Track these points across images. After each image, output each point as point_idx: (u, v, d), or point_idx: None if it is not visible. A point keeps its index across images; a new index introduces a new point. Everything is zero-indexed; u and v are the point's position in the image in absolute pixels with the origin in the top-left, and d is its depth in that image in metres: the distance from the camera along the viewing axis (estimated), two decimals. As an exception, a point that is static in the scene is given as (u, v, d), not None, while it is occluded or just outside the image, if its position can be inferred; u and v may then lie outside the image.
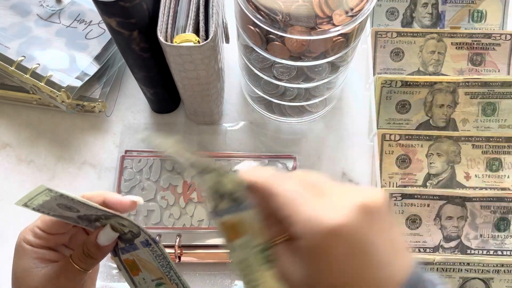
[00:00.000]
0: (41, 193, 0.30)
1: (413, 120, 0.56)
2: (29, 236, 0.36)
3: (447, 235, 0.51)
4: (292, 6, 0.42)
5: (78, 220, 0.35)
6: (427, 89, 0.55)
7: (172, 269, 0.36)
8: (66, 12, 0.62)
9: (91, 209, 0.32)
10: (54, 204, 0.31)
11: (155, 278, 0.36)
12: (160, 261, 0.35)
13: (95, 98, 0.59)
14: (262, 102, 0.60)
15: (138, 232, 0.34)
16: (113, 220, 0.34)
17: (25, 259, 0.35)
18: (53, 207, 0.32)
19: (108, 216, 0.33)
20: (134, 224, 0.33)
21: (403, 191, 0.52)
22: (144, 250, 0.35)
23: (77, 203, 0.31)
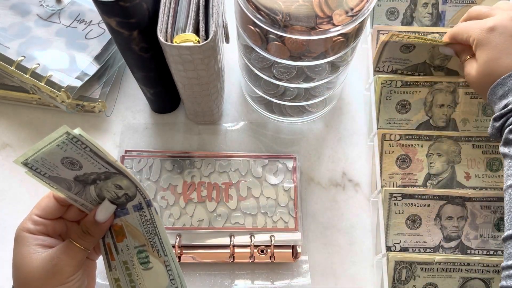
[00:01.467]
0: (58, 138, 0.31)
1: (413, 120, 0.56)
2: (27, 224, 0.37)
3: (447, 235, 0.51)
4: (292, 6, 0.42)
5: (72, 184, 0.35)
6: (427, 89, 0.55)
7: (156, 235, 0.36)
8: (66, 12, 0.62)
9: (97, 163, 0.33)
10: (59, 158, 0.32)
11: (138, 245, 0.37)
12: (146, 226, 0.36)
13: (95, 98, 0.59)
14: (262, 102, 0.60)
15: (133, 195, 0.35)
16: (112, 180, 0.34)
17: (25, 247, 0.36)
18: (55, 164, 0.33)
19: (109, 175, 0.34)
20: (132, 184, 0.34)
21: (403, 191, 0.52)
22: (133, 215, 0.36)
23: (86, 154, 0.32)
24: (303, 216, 0.56)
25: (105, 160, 0.33)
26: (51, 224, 0.38)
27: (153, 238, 0.36)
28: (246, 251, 0.53)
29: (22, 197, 0.57)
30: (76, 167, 0.33)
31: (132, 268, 0.38)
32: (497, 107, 0.46)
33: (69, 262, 0.35)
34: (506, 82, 0.45)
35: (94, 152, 0.32)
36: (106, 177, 0.34)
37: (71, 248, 0.36)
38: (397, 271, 0.50)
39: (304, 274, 0.53)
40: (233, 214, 0.55)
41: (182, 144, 0.60)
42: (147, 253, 0.37)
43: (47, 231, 0.38)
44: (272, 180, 0.56)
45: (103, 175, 0.34)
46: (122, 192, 0.35)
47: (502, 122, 0.44)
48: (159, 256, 0.37)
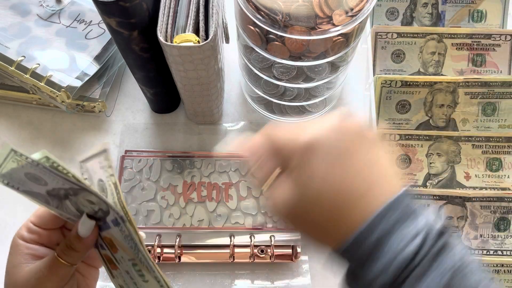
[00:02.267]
0: (8, 156, 0.29)
1: (413, 120, 0.56)
2: (23, 231, 0.36)
3: (447, 235, 0.51)
4: (292, 6, 0.42)
5: (48, 198, 0.33)
6: (427, 89, 0.55)
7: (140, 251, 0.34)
8: (66, 12, 0.62)
9: (57, 179, 0.31)
10: (22, 174, 0.30)
11: (129, 258, 0.35)
12: (128, 242, 0.34)
13: (95, 98, 0.59)
14: (262, 102, 0.60)
15: (107, 210, 0.33)
16: (81, 196, 0.32)
17: (17, 255, 0.35)
18: (22, 179, 0.31)
19: (76, 191, 0.32)
20: (101, 200, 0.32)
21: None
22: (115, 230, 0.34)
23: (43, 170, 0.30)
24: (303, 216, 0.56)
25: (62, 177, 0.30)
26: (46, 234, 0.37)
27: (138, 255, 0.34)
28: (246, 251, 0.53)
29: (22, 197, 0.57)
30: (42, 182, 0.31)
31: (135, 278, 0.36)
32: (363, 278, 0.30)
33: (51, 278, 0.34)
34: None
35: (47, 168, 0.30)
36: (75, 192, 0.32)
37: (55, 263, 0.35)
38: (397, 271, 0.50)
39: (304, 274, 0.53)
40: (233, 214, 0.55)
41: (182, 144, 0.60)
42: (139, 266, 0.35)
43: (41, 240, 0.37)
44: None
45: (71, 191, 0.32)
46: (96, 207, 0.33)
47: None
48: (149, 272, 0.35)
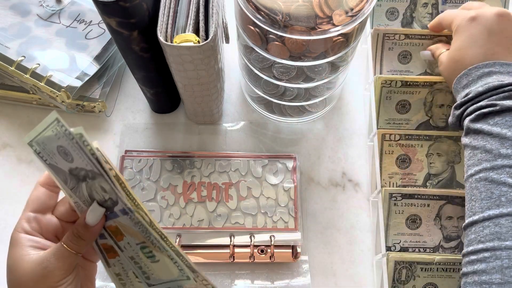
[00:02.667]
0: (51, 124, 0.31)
1: (413, 120, 0.56)
2: (21, 223, 0.37)
3: (447, 235, 0.51)
4: (292, 6, 0.42)
5: (68, 177, 0.34)
6: (427, 89, 0.55)
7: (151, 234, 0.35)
8: (66, 12, 0.62)
9: (83, 158, 0.32)
10: (55, 145, 0.32)
11: (139, 242, 0.36)
12: (139, 227, 0.35)
13: (95, 98, 0.59)
14: (262, 102, 0.60)
15: (116, 200, 0.34)
16: (97, 181, 0.33)
17: (18, 248, 0.36)
18: (53, 151, 0.32)
19: (95, 175, 0.33)
20: (113, 190, 0.33)
21: (402, 191, 0.52)
22: (124, 218, 0.35)
23: (75, 146, 0.31)
24: (303, 216, 0.56)
25: (88, 156, 0.32)
26: (45, 220, 0.38)
27: (150, 237, 0.35)
28: (246, 251, 0.53)
29: (22, 197, 0.57)
30: (69, 158, 0.33)
31: (141, 262, 0.37)
32: (459, 96, 0.47)
33: (59, 266, 0.35)
34: (471, 73, 0.46)
35: (80, 146, 0.31)
36: (93, 176, 0.33)
37: (62, 252, 0.35)
38: (397, 271, 0.50)
39: (304, 274, 0.53)
40: (233, 214, 0.55)
41: (182, 144, 0.60)
42: (149, 248, 0.36)
43: (40, 228, 0.37)
44: (272, 180, 0.56)
45: (90, 173, 0.33)
46: (107, 196, 0.34)
47: (461, 111, 0.46)
48: (161, 251, 0.36)
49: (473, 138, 0.44)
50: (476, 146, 0.44)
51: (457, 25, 0.49)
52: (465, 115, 0.46)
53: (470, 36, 0.48)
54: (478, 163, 0.43)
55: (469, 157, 0.44)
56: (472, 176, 0.43)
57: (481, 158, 0.43)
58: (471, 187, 0.43)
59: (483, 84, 0.45)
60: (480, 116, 0.44)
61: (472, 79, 0.46)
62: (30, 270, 0.35)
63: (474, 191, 0.43)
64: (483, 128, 0.43)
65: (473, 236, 0.42)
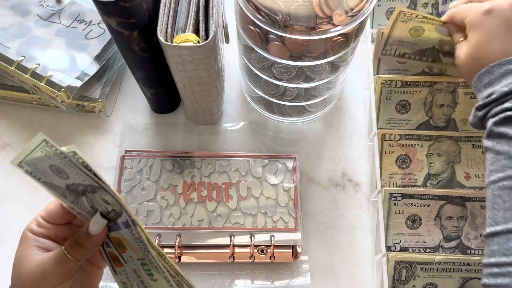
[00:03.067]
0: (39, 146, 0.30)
1: (413, 120, 0.56)
2: (32, 225, 0.37)
3: (447, 235, 0.51)
4: (292, 6, 0.42)
5: (66, 192, 0.34)
6: (427, 89, 0.55)
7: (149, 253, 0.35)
8: (66, 12, 0.62)
9: (80, 175, 0.32)
10: (47, 165, 0.31)
11: (139, 258, 0.36)
12: (138, 244, 0.35)
13: (95, 98, 0.59)
14: (262, 102, 0.60)
15: (120, 212, 0.33)
16: (98, 194, 0.33)
17: (25, 247, 0.36)
18: (45, 170, 0.32)
19: (94, 189, 0.33)
20: (116, 201, 0.33)
21: (402, 191, 0.52)
22: (125, 231, 0.35)
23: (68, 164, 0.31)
24: (303, 216, 0.56)
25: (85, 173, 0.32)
26: (54, 229, 0.38)
27: (147, 255, 0.35)
28: (246, 251, 0.53)
29: (22, 197, 0.58)
30: (64, 175, 0.32)
31: (142, 277, 0.37)
32: (481, 95, 0.44)
33: (56, 271, 0.35)
34: (493, 70, 0.43)
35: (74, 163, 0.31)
36: (93, 190, 0.33)
37: (62, 257, 0.35)
38: (397, 271, 0.50)
39: (304, 274, 0.53)
40: (233, 214, 0.55)
41: (182, 144, 0.60)
42: (148, 266, 0.36)
43: (49, 234, 0.37)
44: (272, 180, 0.56)
45: (90, 188, 0.33)
46: (110, 208, 0.34)
47: (484, 112, 0.43)
48: (158, 272, 0.36)
49: (497, 142, 0.42)
50: (499, 151, 0.41)
51: (471, 20, 0.46)
52: (489, 117, 0.43)
53: (487, 31, 0.44)
54: (502, 169, 0.41)
55: (491, 161, 0.42)
56: (495, 182, 0.41)
57: (505, 165, 0.40)
58: (494, 195, 0.41)
59: (507, 83, 0.41)
60: (505, 119, 0.41)
61: (495, 77, 0.43)
62: (30, 270, 0.35)
63: (497, 199, 0.40)
64: (508, 132, 0.40)
65: (496, 248, 0.39)
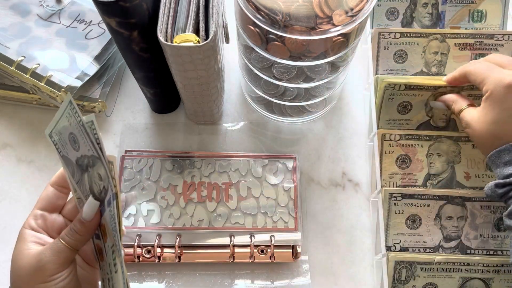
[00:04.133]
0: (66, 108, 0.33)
1: (413, 120, 0.56)
2: (29, 220, 0.38)
3: (447, 235, 0.51)
4: (292, 6, 0.42)
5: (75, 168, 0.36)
6: (430, 92, 0.55)
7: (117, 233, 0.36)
8: (66, 12, 0.62)
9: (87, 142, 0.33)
10: (68, 133, 0.34)
11: (111, 245, 0.36)
12: (112, 223, 0.35)
13: (95, 98, 0.59)
14: (262, 102, 0.60)
15: (107, 186, 0.34)
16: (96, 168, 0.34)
17: (22, 243, 0.37)
18: (66, 140, 0.35)
19: (95, 161, 0.34)
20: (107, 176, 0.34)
21: (402, 191, 0.52)
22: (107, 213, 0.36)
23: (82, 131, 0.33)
24: (303, 216, 0.56)
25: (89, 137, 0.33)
26: (51, 218, 0.39)
27: (115, 236, 0.36)
28: (246, 251, 0.53)
29: (22, 197, 0.58)
30: (76, 146, 0.34)
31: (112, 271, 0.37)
32: (499, 170, 0.44)
33: (53, 259, 0.35)
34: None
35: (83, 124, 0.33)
36: (93, 162, 0.34)
37: (58, 246, 0.36)
38: (397, 271, 0.50)
39: (304, 274, 0.53)
40: (233, 214, 0.55)
41: (182, 144, 0.60)
42: (115, 254, 0.36)
43: (46, 226, 0.38)
44: (272, 180, 0.56)
45: (91, 160, 0.34)
46: (102, 185, 0.35)
47: (505, 191, 0.43)
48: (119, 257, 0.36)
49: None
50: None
51: (491, 91, 0.44)
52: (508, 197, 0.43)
53: (508, 108, 0.43)
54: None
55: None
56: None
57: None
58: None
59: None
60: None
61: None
62: (27, 263, 0.35)
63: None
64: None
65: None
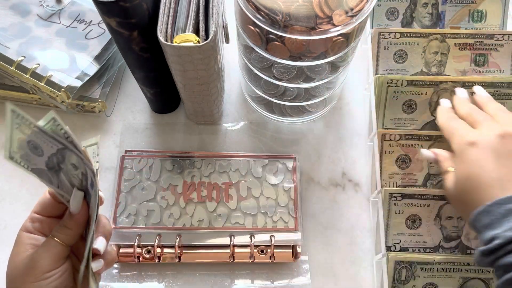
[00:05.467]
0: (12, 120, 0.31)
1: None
2: (27, 223, 0.38)
3: (447, 235, 0.51)
4: (292, 6, 0.42)
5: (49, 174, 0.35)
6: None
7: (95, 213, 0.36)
8: (66, 12, 0.62)
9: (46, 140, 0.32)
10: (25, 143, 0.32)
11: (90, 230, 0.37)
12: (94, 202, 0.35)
13: (95, 98, 0.59)
14: (262, 102, 0.60)
15: (85, 171, 0.34)
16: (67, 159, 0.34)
17: (18, 246, 0.37)
18: (28, 153, 0.33)
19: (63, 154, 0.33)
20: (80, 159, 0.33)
21: (403, 191, 0.52)
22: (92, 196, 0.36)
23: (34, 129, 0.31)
24: (303, 216, 0.56)
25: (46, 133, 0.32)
26: (48, 221, 0.39)
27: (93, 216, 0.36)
28: (246, 251, 0.53)
29: (22, 197, 0.58)
30: (39, 151, 0.33)
31: None
32: (482, 237, 0.40)
33: (46, 256, 0.35)
34: (492, 210, 0.39)
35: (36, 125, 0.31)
36: (62, 156, 0.34)
37: (50, 243, 0.36)
38: (397, 271, 0.50)
39: (304, 274, 0.53)
40: (233, 214, 0.55)
41: (182, 144, 0.60)
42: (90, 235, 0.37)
43: (43, 229, 0.38)
44: (272, 180, 0.56)
45: (60, 155, 0.34)
46: (79, 173, 0.35)
47: (492, 259, 0.39)
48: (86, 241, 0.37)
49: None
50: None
51: (456, 149, 0.44)
52: (498, 266, 0.39)
53: (474, 162, 0.42)
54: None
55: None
56: None
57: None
58: None
59: (510, 226, 0.38)
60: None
61: (496, 218, 0.39)
62: (21, 263, 0.35)
63: None
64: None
65: None
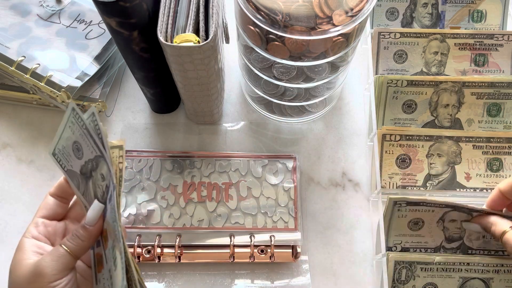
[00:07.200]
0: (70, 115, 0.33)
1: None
2: (30, 228, 0.38)
3: (450, 235, 0.51)
4: (292, 6, 0.42)
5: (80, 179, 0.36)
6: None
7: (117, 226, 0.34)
8: (66, 12, 0.62)
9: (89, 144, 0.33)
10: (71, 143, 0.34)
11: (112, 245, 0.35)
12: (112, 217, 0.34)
13: (95, 98, 0.59)
14: (262, 102, 0.60)
15: (109, 183, 0.34)
16: (99, 169, 0.34)
17: (21, 252, 0.36)
18: (70, 153, 0.35)
19: (98, 161, 0.34)
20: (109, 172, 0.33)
21: (408, 199, 0.50)
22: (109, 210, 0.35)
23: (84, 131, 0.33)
24: (303, 216, 0.56)
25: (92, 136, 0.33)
26: (52, 225, 0.38)
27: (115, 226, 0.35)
28: (246, 251, 0.53)
29: (22, 197, 0.58)
30: (80, 154, 0.34)
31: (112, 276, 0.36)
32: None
33: (53, 265, 0.34)
34: None
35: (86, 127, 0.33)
36: (97, 164, 0.34)
37: (58, 252, 0.35)
38: (397, 271, 0.50)
39: (304, 274, 0.53)
40: (233, 214, 0.55)
41: (182, 144, 0.60)
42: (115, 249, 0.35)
43: (47, 232, 0.38)
44: (272, 180, 0.56)
45: (95, 163, 0.34)
46: (105, 185, 0.34)
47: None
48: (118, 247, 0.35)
49: None
50: None
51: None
52: None
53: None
54: None
55: None
56: None
57: None
58: None
59: None
60: None
61: None
62: (26, 271, 0.34)
63: None
64: None
65: None
